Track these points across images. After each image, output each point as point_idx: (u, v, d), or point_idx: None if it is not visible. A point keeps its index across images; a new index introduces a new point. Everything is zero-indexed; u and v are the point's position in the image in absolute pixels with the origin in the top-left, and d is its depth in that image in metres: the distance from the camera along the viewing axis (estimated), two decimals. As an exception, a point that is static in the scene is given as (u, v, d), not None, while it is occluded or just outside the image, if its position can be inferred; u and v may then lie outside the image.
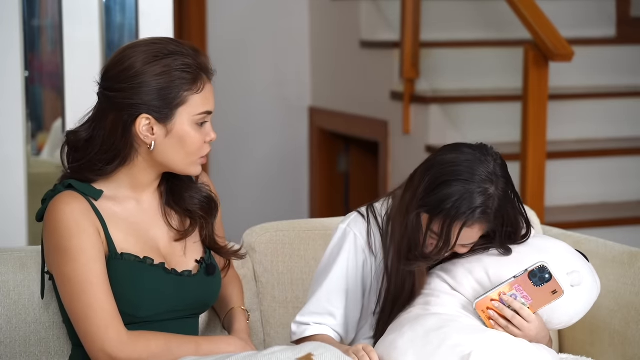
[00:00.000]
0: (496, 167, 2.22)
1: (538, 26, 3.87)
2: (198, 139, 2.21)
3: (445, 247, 2.22)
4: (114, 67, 2.19)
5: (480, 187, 2.18)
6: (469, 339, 2.11)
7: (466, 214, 2.18)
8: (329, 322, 2.34)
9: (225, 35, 5.54)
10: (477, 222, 2.20)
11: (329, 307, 2.35)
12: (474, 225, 2.21)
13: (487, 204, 2.18)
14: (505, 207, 2.22)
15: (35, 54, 3.20)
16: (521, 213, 2.30)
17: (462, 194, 2.18)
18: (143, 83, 2.16)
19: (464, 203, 2.17)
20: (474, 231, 2.23)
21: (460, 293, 2.26)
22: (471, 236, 2.23)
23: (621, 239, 2.97)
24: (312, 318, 2.35)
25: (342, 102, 5.42)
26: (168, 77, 2.17)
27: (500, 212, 2.22)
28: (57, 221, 2.16)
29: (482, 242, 2.30)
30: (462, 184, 2.18)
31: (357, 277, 2.35)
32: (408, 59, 4.63)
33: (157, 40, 2.22)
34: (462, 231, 2.20)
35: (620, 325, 2.57)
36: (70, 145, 2.24)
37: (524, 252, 2.29)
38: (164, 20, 3.22)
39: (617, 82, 5.05)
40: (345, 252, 2.35)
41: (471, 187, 2.18)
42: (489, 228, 2.25)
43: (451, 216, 2.18)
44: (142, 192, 2.27)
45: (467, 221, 2.18)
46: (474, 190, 2.18)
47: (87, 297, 2.14)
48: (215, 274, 2.31)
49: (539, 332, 2.23)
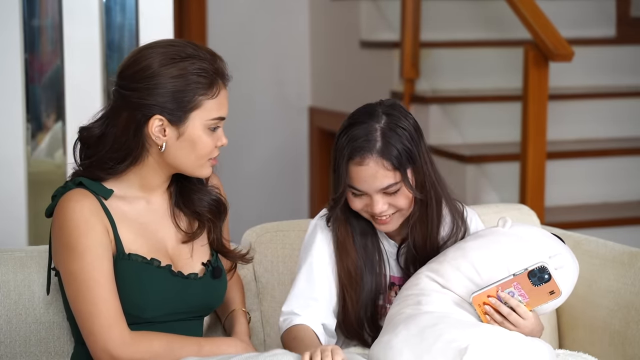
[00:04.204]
0: (384, 109, 2.30)
1: (538, 26, 3.88)
2: (209, 144, 2.21)
3: (339, 186, 2.29)
4: (131, 66, 2.19)
5: (363, 122, 2.29)
6: (465, 333, 2.11)
7: (349, 146, 2.26)
8: (313, 304, 2.34)
9: (225, 35, 5.54)
10: (364, 155, 2.25)
11: (310, 292, 2.35)
12: (364, 161, 2.26)
13: (368, 137, 2.26)
14: (397, 140, 2.27)
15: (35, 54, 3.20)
16: (429, 162, 2.33)
17: (346, 134, 2.29)
18: (159, 84, 2.16)
19: (346, 138, 2.28)
20: (369, 168, 2.26)
21: (451, 290, 2.27)
22: (370, 174, 2.26)
23: (621, 239, 2.97)
24: (297, 302, 2.35)
25: (342, 102, 5.42)
26: (184, 80, 2.17)
27: (391, 144, 2.26)
28: (66, 218, 2.16)
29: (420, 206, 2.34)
30: (347, 128, 2.30)
31: (332, 264, 2.37)
32: (408, 59, 4.63)
33: (175, 42, 2.22)
34: (352, 167, 2.26)
35: (620, 325, 2.57)
36: (83, 141, 2.25)
37: (505, 242, 2.29)
38: (164, 20, 3.22)
39: (617, 82, 5.05)
40: (318, 242, 2.38)
41: (354, 127, 2.29)
42: (391, 167, 2.27)
43: (338, 153, 2.29)
44: (152, 193, 2.27)
45: (353, 154, 2.26)
46: (355, 127, 2.29)
47: (92, 295, 2.14)
48: (221, 277, 2.32)
49: (534, 328, 2.24)
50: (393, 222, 2.34)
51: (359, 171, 2.27)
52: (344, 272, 2.35)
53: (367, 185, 2.28)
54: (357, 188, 2.29)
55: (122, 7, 3.23)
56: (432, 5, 4.96)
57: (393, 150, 2.26)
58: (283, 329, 2.34)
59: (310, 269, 2.37)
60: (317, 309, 2.34)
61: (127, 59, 2.22)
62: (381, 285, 2.38)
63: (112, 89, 2.22)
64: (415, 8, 4.62)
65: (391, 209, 2.31)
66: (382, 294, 2.39)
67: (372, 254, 2.38)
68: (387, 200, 2.29)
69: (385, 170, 2.26)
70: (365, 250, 2.38)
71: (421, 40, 4.68)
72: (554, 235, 2.37)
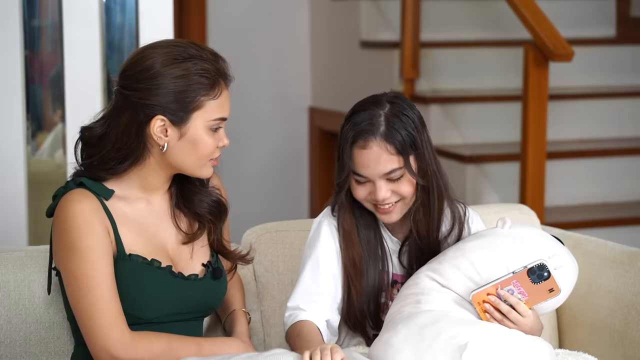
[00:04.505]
0: (389, 99, 2.33)
1: (538, 26, 3.87)
2: (211, 144, 2.21)
3: (343, 171, 2.30)
4: (133, 66, 2.19)
5: (368, 109, 2.31)
6: (465, 331, 2.11)
7: (353, 130, 2.29)
8: (318, 300, 2.35)
9: (225, 35, 5.53)
10: (368, 138, 2.27)
11: (315, 287, 2.36)
12: (367, 144, 2.27)
13: (372, 121, 2.28)
14: (400, 126, 2.29)
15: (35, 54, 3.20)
16: (431, 152, 2.36)
17: (351, 120, 2.31)
18: (161, 85, 2.16)
19: (351, 124, 2.30)
20: (373, 152, 2.27)
21: (451, 289, 2.27)
22: (373, 158, 2.28)
23: (621, 239, 2.97)
24: (302, 298, 2.35)
25: (342, 102, 5.41)
26: (186, 81, 2.17)
27: (395, 129, 2.28)
28: (67, 218, 2.16)
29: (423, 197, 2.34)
30: (352, 115, 2.32)
31: (337, 260, 2.38)
32: (408, 59, 4.63)
33: (178, 43, 2.22)
34: (355, 150, 2.28)
35: (620, 325, 2.57)
36: (84, 140, 2.24)
37: (504, 242, 2.30)
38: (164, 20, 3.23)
39: (617, 82, 5.05)
40: (322, 239, 2.39)
41: (358, 113, 2.31)
42: (394, 151, 2.28)
43: (342, 138, 2.31)
44: (152, 194, 2.27)
45: (357, 137, 2.28)
46: (360, 113, 2.31)
47: (92, 295, 2.14)
48: (221, 278, 2.32)
49: (533, 326, 2.24)
50: (396, 211, 2.35)
51: (363, 154, 2.28)
52: (349, 262, 2.37)
53: (370, 170, 2.29)
54: (361, 173, 2.30)
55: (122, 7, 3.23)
56: (432, 5, 4.95)
57: (397, 135, 2.28)
58: (288, 324, 2.34)
59: (315, 265, 2.37)
60: (322, 305, 2.35)
61: (129, 59, 2.22)
62: (383, 282, 2.39)
63: (114, 88, 2.22)
64: (415, 8, 4.62)
65: (394, 197, 2.32)
66: (384, 290, 2.39)
67: (375, 249, 2.39)
68: (390, 187, 2.31)
69: (389, 155, 2.28)
70: (368, 244, 2.39)
71: (421, 40, 4.67)
72: (553, 237, 2.38)
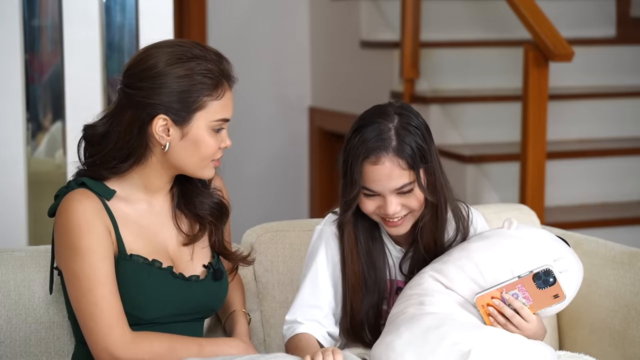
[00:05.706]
0: (396, 110, 2.29)
1: (538, 26, 3.87)
2: (213, 145, 2.21)
3: (353, 188, 2.26)
4: (137, 65, 2.19)
5: (375, 122, 2.27)
6: (468, 337, 2.11)
7: (364, 146, 2.25)
8: (317, 314, 2.35)
9: (225, 35, 5.54)
10: (380, 154, 2.24)
11: (314, 301, 2.35)
12: (379, 160, 2.24)
13: (382, 135, 2.25)
14: (411, 139, 2.26)
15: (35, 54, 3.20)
16: (438, 163, 2.32)
17: (359, 135, 2.26)
18: (164, 84, 2.16)
19: (359, 139, 2.26)
20: (385, 168, 2.24)
21: (455, 291, 2.26)
22: (385, 173, 2.25)
23: (621, 239, 2.97)
24: (300, 311, 2.35)
25: (342, 102, 5.42)
26: (189, 81, 2.16)
27: (405, 142, 2.25)
28: (68, 219, 2.16)
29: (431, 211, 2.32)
30: (359, 129, 2.27)
31: (338, 271, 2.36)
32: (408, 59, 4.63)
33: (182, 43, 2.22)
34: (367, 167, 2.24)
35: (620, 325, 2.57)
36: (87, 139, 2.25)
37: (510, 243, 2.28)
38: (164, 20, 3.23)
39: (617, 82, 5.05)
40: (323, 249, 2.37)
41: (366, 127, 2.27)
42: (406, 166, 2.25)
43: (350, 154, 2.27)
44: (154, 195, 2.27)
45: (368, 153, 2.24)
46: (368, 127, 2.27)
47: (93, 295, 2.14)
48: (222, 279, 2.32)
49: (536, 331, 2.23)
50: (405, 224, 2.32)
51: (374, 170, 2.25)
52: (351, 274, 2.34)
53: (381, 186, 2.26)
54: (371, 189, 2.27)
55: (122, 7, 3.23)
56: (432, 5, 4.95)
57: (407, 148, 2.25)
58: (287, 337, 2.35)
59: (314, 278, 2.36)
60: (320, 318, 2.34)
61: (133, 58, 2.22)
62: (386, 290, 2.38)
63: (117, 87, 2.22)
64: (415, 8, 4.62)
65: (404, 210, 2.30)
66: (385, 298, 2.38)
67: (377, 259, 2.37)
68: (400, 200, 2.28)
69: (401, 170, 2.25)
70: (371, 254, 2.37)
71: (421, 40, 4.67)
72: (559, 238, 2.37)
